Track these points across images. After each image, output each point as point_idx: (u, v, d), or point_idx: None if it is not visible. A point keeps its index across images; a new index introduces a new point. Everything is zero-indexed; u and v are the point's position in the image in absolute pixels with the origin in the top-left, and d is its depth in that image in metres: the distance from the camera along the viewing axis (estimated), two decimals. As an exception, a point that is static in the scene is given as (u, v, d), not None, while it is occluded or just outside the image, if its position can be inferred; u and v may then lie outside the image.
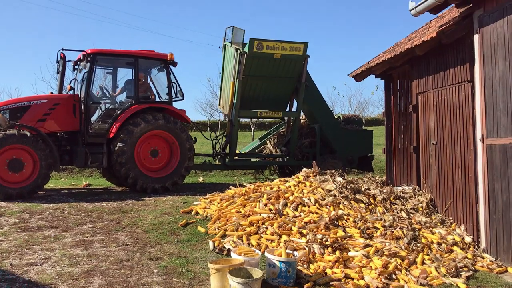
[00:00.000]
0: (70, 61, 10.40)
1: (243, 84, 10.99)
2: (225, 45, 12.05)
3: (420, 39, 7.24)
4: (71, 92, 9.67)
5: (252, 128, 25.52)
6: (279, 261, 4.95)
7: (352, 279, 5.13)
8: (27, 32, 53.08)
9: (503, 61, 5.95)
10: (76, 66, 10.45)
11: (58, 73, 10.31)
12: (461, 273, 5.50)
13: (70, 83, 9.95)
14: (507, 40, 5.86)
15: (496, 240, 6.09)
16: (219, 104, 13.03)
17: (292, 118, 12.10)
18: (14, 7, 51.50)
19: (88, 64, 9.59)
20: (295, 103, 11.99)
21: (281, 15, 70.87)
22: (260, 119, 26.96)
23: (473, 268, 5.71)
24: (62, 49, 9.94)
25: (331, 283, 4.96)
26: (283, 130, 12.87)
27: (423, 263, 5.73)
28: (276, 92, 11.59)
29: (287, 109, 12.16)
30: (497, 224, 6.06)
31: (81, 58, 9.92)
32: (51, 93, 10.50)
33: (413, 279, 5.24)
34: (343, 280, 5.08)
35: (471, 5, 6.57)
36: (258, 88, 11.38)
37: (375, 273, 5.21)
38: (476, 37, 6.51)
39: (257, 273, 4.46)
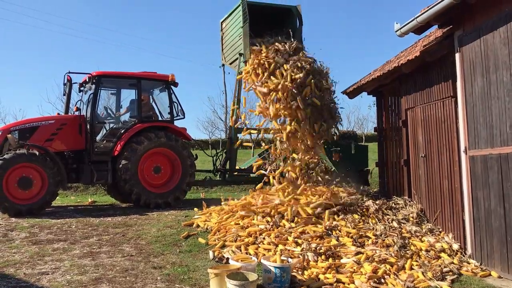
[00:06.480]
0: (76, 83, 10.86)
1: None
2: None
3: (406, 58, 7.71)
4: (77, 113, 10.13)
5: (252, 145, 25.85)
6: (274, 266, 5.31)
7: (343, 283, 5.48)
8: (32, 54, 54.15)
9: (481, 78, 6.39)
10: (82, 88, 10.88)
11: (64, 94, 10.78)
12: (446, 277, 5.84)
13: (76, 104, 10.43)
14: (484, 58, 6.31)
15: (480, 246, 6.43)
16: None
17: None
18: (19, 28, 52.66)
19: (93, 86, 10.07)
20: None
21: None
22: (259, 136, 27.28)
23: (458, 272, 6.04)
24: (69, 72, 10.41)
25: (323, 287, 5.31)
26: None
27: (411, 268, 6.07)
28: None
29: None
30: (480, 231, 6.41)
31: (87, 80, 10.37)
32: (58, 114, 10.95)
33: (400, 283, 5.57)
34: (334, 284, 5.43)
35: (451, 26, 7.05)
36: None
37: (365, 278, 5.56)
38: (457, 56, 6.96)
39: (253, 277, 4.82)
